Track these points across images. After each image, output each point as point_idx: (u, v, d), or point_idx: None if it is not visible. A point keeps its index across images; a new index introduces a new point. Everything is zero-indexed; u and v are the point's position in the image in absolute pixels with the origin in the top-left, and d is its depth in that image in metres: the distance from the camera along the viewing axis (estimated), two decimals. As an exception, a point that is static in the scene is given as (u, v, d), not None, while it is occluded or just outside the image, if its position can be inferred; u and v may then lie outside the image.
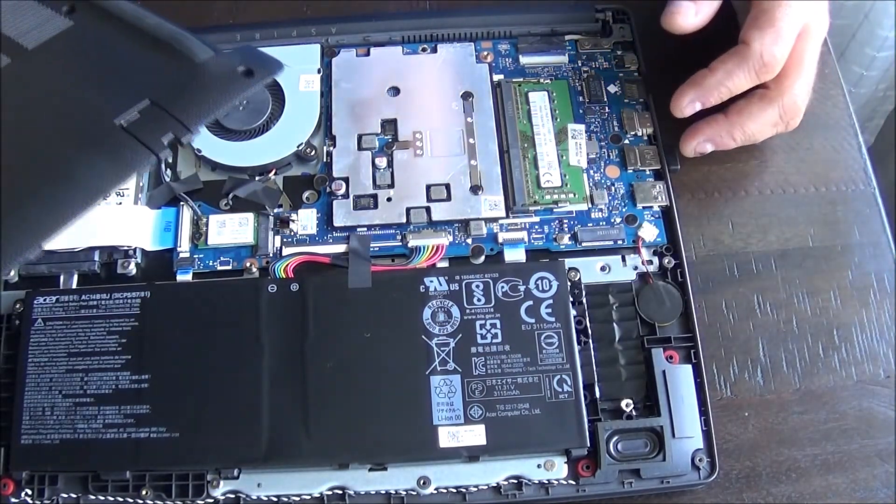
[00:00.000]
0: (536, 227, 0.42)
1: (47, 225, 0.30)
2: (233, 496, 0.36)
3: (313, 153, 0.43)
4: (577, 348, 0.38)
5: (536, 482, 0.36)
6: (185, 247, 0.41)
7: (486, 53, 0.46)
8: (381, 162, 0.43)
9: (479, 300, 0.39)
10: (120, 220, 0.41)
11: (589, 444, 0.36)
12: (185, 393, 0.37)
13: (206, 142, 0.42)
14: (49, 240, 0.31)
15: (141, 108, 0.32)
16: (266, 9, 0.50)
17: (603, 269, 0.41)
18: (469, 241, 0.41)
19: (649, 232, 0.41)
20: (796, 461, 0.38)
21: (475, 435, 0.36)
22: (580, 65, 0.46)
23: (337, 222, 0.41)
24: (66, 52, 0.35)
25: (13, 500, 0.36)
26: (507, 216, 0.42)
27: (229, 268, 0.41)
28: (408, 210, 0.42)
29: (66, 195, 0.31)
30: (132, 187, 0.42)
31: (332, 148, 0.43)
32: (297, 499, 0.36)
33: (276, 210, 0.42)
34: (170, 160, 0.43)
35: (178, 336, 0.38)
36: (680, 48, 0.48)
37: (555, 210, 0.42)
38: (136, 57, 0.34)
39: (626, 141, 0.44)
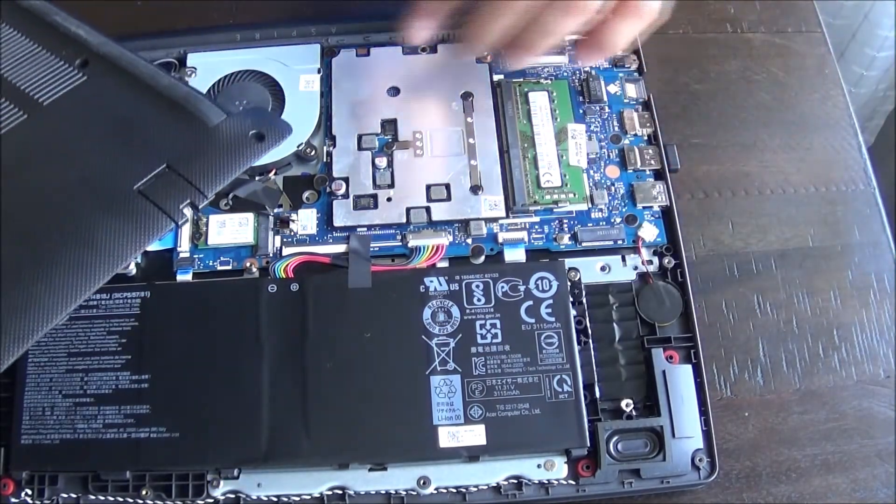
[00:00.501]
0: (536, 227, 0.42)
1: (73, 291, 0.30)
2: (233, 496, 0.36)
3: (313, 153, 0.43)
4: (577, 348, 0.38)
5: (536, 482, 0.36)
6: (185, 247, 0.41)
7: (486, 53, 0.46)
8: (381, 162, 0.43)
9: (479, 300, 0.39)
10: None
11: (589, 444, 0.36)
12: (185, 393, 0.37)
13: (206, 142, 0.42)
14: (76, 305, 0.31)
15: (157, 173, 0.33)
16: (266, 9, 0.50)
17: (603, 269, 0.41)
18: (469, 241, 0.41)
19: (649, 232, 0.41)
20: (796, 461, 0.38)
21: (475, 435, 0.36)
22: (580, 65, 0.46)
23: (337, 222, 0.41)
24: (80, 108, 0.35)
25: (13, 500, 0.36)
26: (507, 216, 0.42)
27: (229, 268, 0.41)
28: (408, 210, 0.42)
29: (90, 260, 0.31)
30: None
31: (332, 148, 0.43)
32: (297, 499, 0.36)
33: (276, 210, 0.42)
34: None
35: (178, 336, 0.38)
36: (680, 48, 0.48)
37: (555, 210, 0.42)
38: (149, 117, 0.35)
39: (626, 141, 0.44)
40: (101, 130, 0.34)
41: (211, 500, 0.36)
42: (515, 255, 0.41)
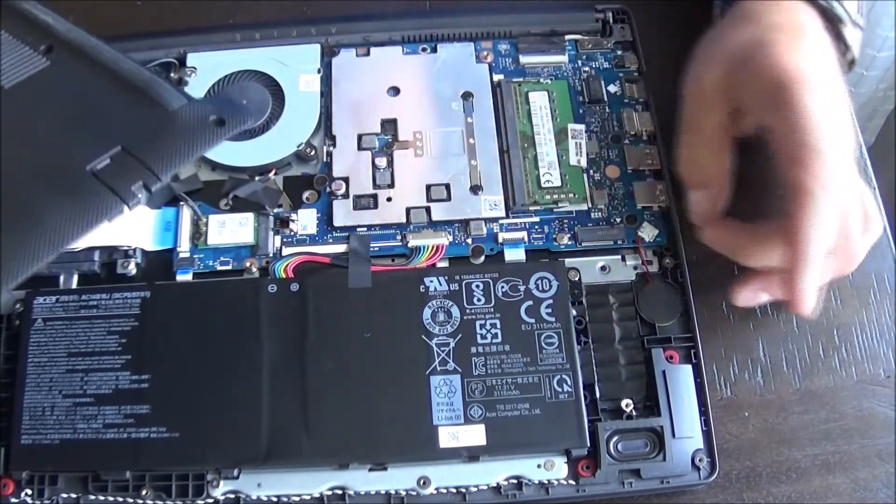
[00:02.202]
0: (536, 227, 0.42)
1: (14, 269, 0.30)
2: (233, 496, 0.36)
3: (313, 153, 0.43)
4: (577, 348, 0.38)
5: (536, 482, 0.36)
6: (185, 247, 0.41)
7: (486, 53, 0.46)
8: (381, 162, 0.43)
9: (479, 300, 0.39)
10: (120, 220, 0.40)
11: (589, 444, 0.36)
12: (185, 393, 0.37)
13: (206, 142, 0.42)
14: (15, 283, 0.31)
15: (112, 155, 0.33)
16: (266, 9, 0.50)
17: (603, 269, 0.41)
18: (469, 241, 0.41)
19: (649, 232, 0.41)
20: (796, 461, 0.38)
21: (475, 435, 0.36)
22: (580, 65, 0.46)
23: (337, 222, 0.41)
24: (41, 92, 0.35)
25: (13, 500, 0.36)
26: (507, 216, 0.42)
27: (229, 268, 0.41)
28: (408, 210, 0.42)
29: (34, 240, 0.31)
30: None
31: (332, 148, 0.43)
32: (297, 499, 0.36)
33: (276, 210, 0.42)
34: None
35: (178, 336, 0.38)
36: (680, 48, 0.48)
37: (555, 210, 0.42)
38: (110, 101, 0.35)
39: (626, 141, 0.44)
40: (59, 114, 0.35)
41: (211, 500, 0.36)
42: (515, 255, 0.41)
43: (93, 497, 0.36)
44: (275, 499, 0.36)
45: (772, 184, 0.38)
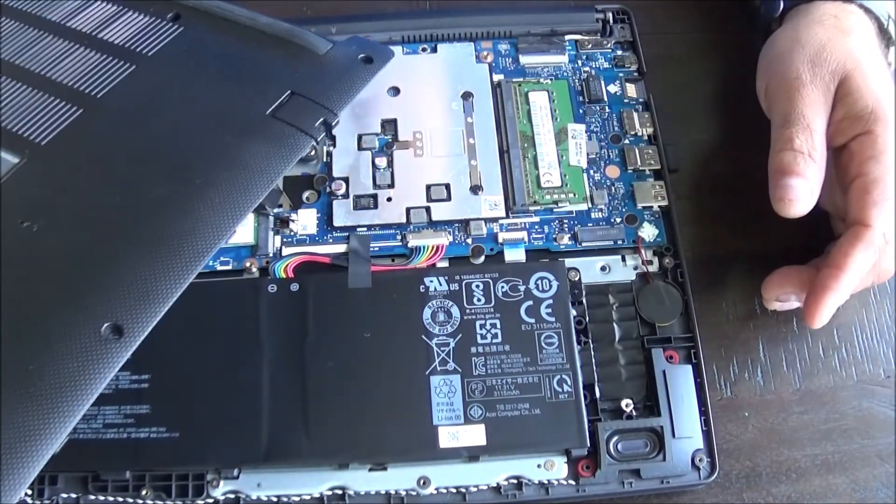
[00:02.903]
0: (536, 227, 0.42)
1: (234, 209, 0.32)
2: (233, 496, 0.36)
3: (313, 153, 0.43)
4: (577, 348, 0.38)
5: (536, 482, 0.36)
6: (185, 247, 0.41)
7: (486, 53, 0.46)
8: (381, 162, 0.43)
9: (479, 300, 0.39)
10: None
11: (589, 445, 0.36)
12: (185, 393, 0.37)
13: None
14: (240, 222, 0.33)
15: (285, 99, 0.34)
16: (266, 9, 0.49)
17: (603, 269, 0.41)
18: (469, 241, 0.41)
19: (649, 232, 0.41)
20: (796, 461, 0.38)
21: (475, 435, 0.36)
22: (580, 65, 0.46)
23: (337, 222, 0.41)
24: (185, 55, 0.36)
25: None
26: (507, 216, 0.42)
27: (229, 268, 0.41)
28: (408, 210, 0.42)
29: (242, 182, 0.32)
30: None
31: (332, 148, 0.43)
32: (297, 499, 0.36)
33: (276, 210, 0.42)
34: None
35: (178, 336, 0.38)
36: (680, 48, 0.48)
37: (555, 210, 0.42)
38: (259, 54, 0.36)
39: (626, 141, 0.44)
40: (214, 71, 0.36)
41: (211, 500, 0.36)
42: (515, 255, 0.41)
43: (93, 497, 0.36)
44: (275, 499, 0.36)
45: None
